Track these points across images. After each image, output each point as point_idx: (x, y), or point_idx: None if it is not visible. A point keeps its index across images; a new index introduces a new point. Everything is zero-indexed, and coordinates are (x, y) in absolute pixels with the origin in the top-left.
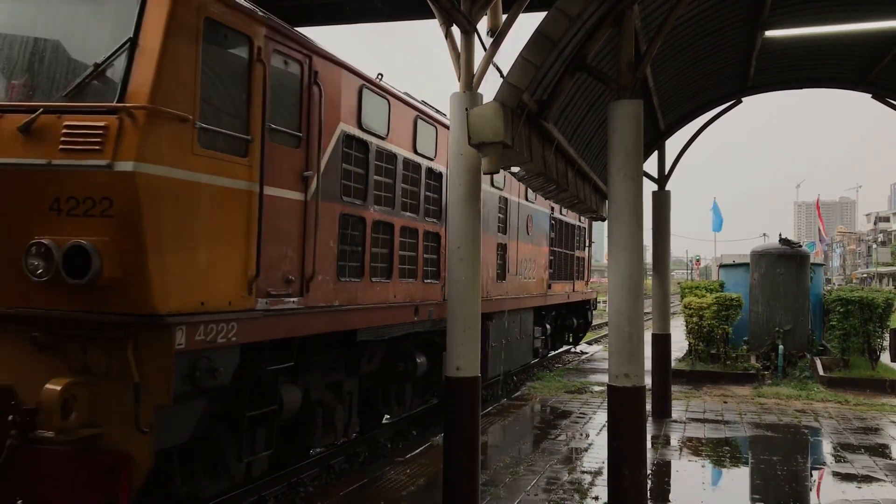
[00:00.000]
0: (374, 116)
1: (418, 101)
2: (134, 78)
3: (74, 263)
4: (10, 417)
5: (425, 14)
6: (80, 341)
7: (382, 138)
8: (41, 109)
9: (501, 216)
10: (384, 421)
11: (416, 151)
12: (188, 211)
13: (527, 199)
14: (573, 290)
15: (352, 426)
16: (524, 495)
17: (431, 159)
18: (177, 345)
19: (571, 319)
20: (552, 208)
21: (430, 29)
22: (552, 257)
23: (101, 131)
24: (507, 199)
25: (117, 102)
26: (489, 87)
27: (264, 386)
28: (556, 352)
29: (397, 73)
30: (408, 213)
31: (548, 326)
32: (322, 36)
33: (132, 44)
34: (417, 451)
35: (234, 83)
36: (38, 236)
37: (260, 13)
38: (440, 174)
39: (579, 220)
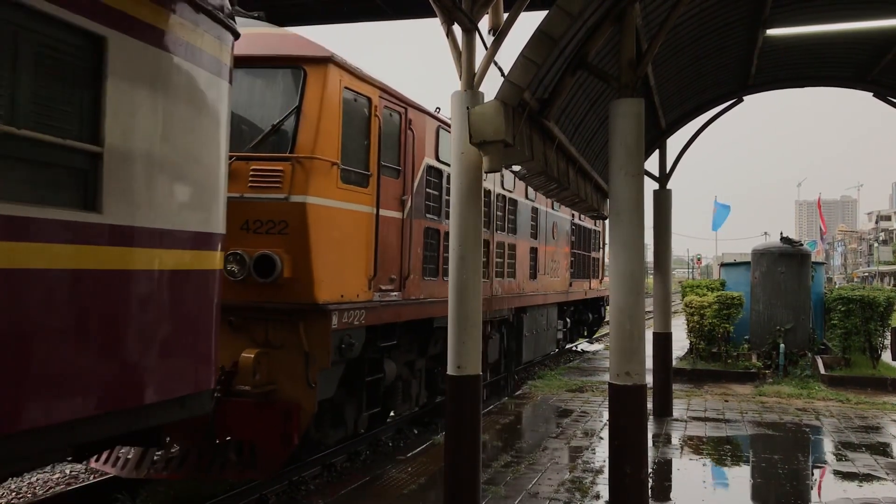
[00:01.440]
0: (446, 149)
1: None
2: (300, 135)
3: (262, 267)
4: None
5: (426, 13)
6: (263, 323)
7: (449, 165)
8: (233, 158)
9: (533, 224)
10: (439, 400)
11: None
12: (334, 229)
13: (552, 208)
14: (590, 288)
15: (421, 397)
16: (525, 494)
17: (483, 179)
18: (332, 325)
19: (587, 314)
20: (573, 215)
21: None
22: (573, 258)
23: (279, 173)
24: (537, 208)
25: (289, 153)
26: (490, 86)
27: (374, 360)
28: (573, 344)
29: (398, 73)
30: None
31: (567, 320)
32: (323, 35)
33: (298, 110)
34: (419, 449)
35: (360, 133)
36: (234, 248)
37: (376, 80)
38: (488, 191)
39: (594, 225)
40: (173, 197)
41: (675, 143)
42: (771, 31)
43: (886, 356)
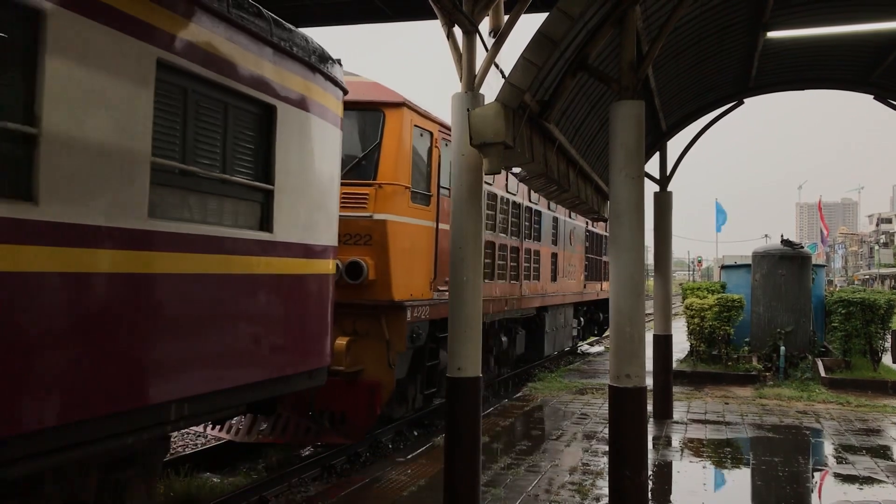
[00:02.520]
0: None
1: None
2: (381, 165)
3: (352, 272)
4: None
5: (427, 15)
6: (352, 317)
7: (490, 184)
8: None
9: (554, 232)
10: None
11: (507, 191)
12: (406, 240)
13: (569, 217)
14: (601, 289)
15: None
16: (525, 496)
17: (514, 195)
18: (407, 318)
19: (599, 314)
20: (587, 222)
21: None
22: (587, 262)
23: (365, 196)
24: (557, 218)
25: (373, 179)
26: (491, 88)
27: (432, 349)
28: (586, 341)
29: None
30: (500, 234)
31: (581, 319)
32: (323, 35)
33: (378, 145)
34: (418, 451)
35: (424, 161)
36: None
37: (437, 118)
38: (518, 204)
39: (605, 231)
40: (312, 219)
41: (675, 145)
42: (771, 34)
43: (887, 359)
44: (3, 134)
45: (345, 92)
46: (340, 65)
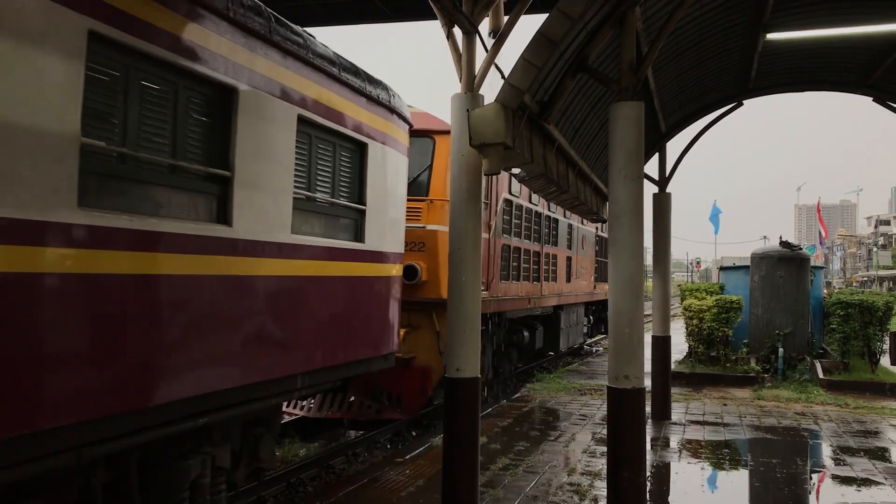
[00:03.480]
0: (515, 188)
1: None
2: (432, 184)
3: (408, 273)
4: None
5: (427, 15)
6: (406, 311)
7: (517, 196)
8: None
9: (568, 237)
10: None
11: (530, 202)
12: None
13: (582, 224)
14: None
15: (490, 369)
16: (524, 497)
17: (536, 205)
18: None
19: (606, 313)
20: (596, 227)
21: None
22: (596, 265)
23: (419, 210)
24: (571, 224)
25: (425, 196)
26: (490, 89)
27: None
28: (594, 338)
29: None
30: (525, 240)
31: (590, 318)
32: (324, 35)
33: (430, 167)
34: (417, 451)
35: None
36: None
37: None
38: (539, 213)
39: None
40: (390, 231)
41: (675, 146)
42: (771, 36)
43: (885, 361)
44: (209, 175)
45: (411, 126)
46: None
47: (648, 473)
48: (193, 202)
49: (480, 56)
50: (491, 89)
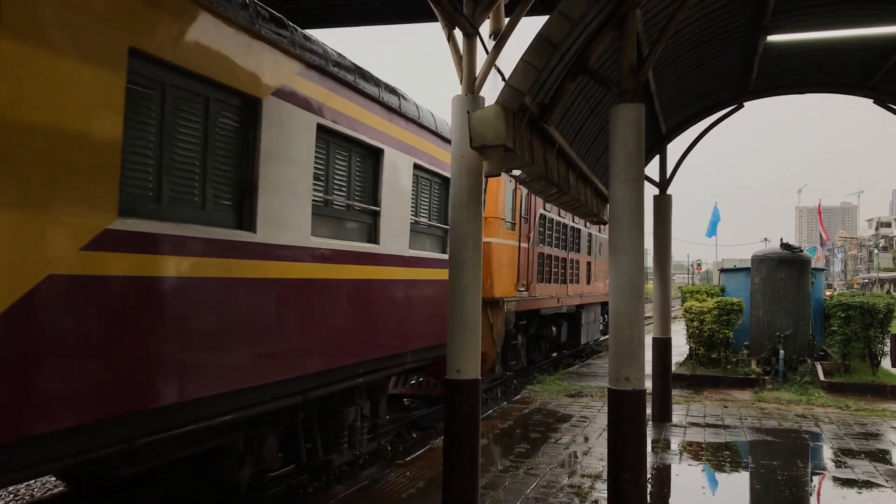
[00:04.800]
0: (548, 204)
1: None
2: (487, 205)
3: None
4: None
5: (428, 17)
6: None
7: (549, 212)
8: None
9: (588, 244)
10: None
11: (559, 215)
12: (502, 255)
13: (599, 231)
14: None
15: (525, 360)
16: (524, 498)
17: (563, 217)
18: (504, 310)
19: None
20: None
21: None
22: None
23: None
24: (591, 233)
25: (485, 216)
26: (491, 91)
27: (513, 332)
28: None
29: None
30: (555, 248)
31: (605, 317)
32: (324, 36)
33: (484, 189)
34: (418, 453)
35: (512, 201)
36: None
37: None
38: (565, 224)
39: None
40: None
41: (675, 147)
42: (772, 38)
43: (886, 363)
44: (368, 210)
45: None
46: None
47: (649, 475)
48: (360, 230)
49: (481, 58)
50: (491, 91)
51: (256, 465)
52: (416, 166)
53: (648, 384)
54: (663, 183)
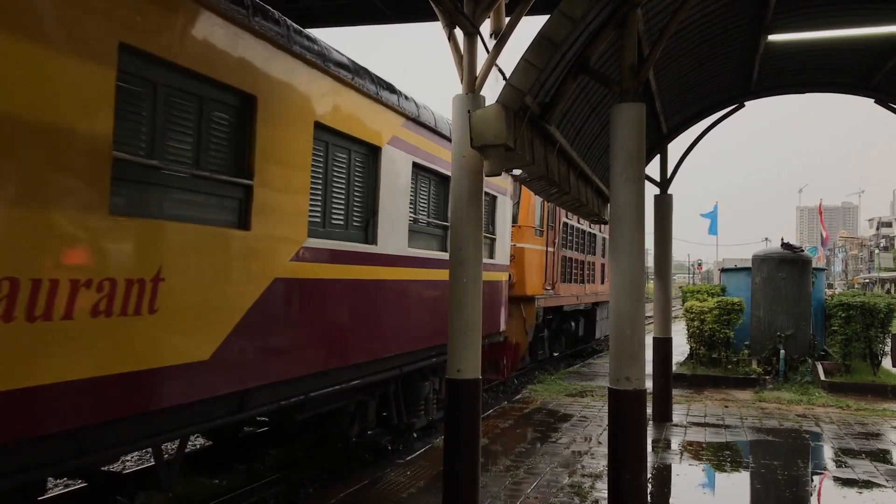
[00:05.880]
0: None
1: None
2: (520, 215)
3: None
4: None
5: (428, 16)
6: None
7: (571, 219)
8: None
9: (603, 247)
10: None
11: (578, 222)
12: (533, 258)
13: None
14: None
15: (549, 351)
16: (524, 498)
17: (582, 224)
18: (535, 306)
19: None
20: None
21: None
22: None
23: (514, 233)
24: (604, 238)
25: (514, 223)
26: (492, 90)
27: (541, 326)
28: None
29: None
30: (575, 252)
31: None
32: (325, 36)
33: (517, 203)
34: (418, 453)
35: (541, 212)
36: None
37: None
38: (583, 230)
39: None
40: (503, 250)
41: (676, 147)
42: (773, 37)
43: (887, 363)
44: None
45: (515, 178)
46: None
47: (649, 475)
48: (434, 241)
49: (482, 58)
50: (492, 91)
51: (360, 425)
52: (487, 195)
53: (649, 384)
54: (664, 183)
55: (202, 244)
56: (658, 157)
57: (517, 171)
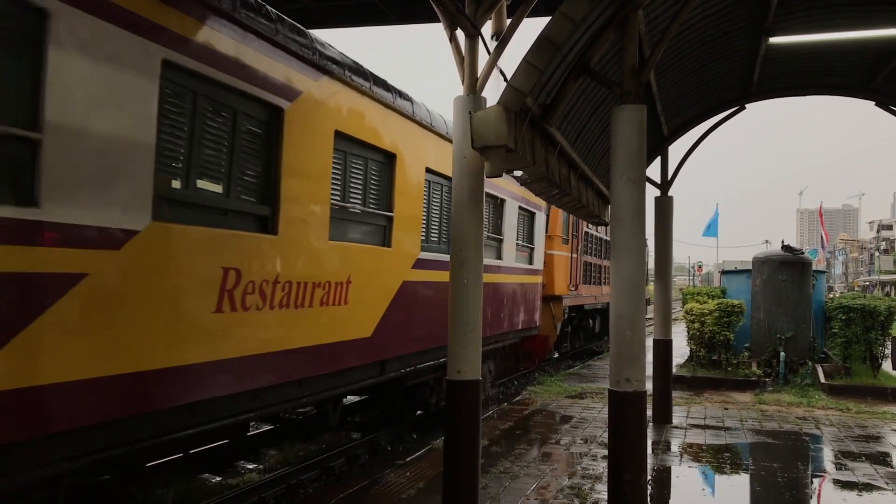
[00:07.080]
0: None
1: None
2: (550, 226)
3: None
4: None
5: (430, 18)
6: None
7: (591, 229)
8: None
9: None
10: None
11: (596, 230)
12: (560, 263)
13: None
14: None
15: (571, 344)
16: (524, 499)
17: (599, 232)
18: (563, 304)
19: None
20: None
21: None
22: None
23: (545, 242)
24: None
25: (546, 233)
26: (493, 91)
27: (566, 322)
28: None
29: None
30: (593, 257)
31: None
32: (325, 36)
33: (548, 217)
34: (417, 454)
35: (567, 223)
36: None
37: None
38: (600, 238)
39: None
40: (538, 257)
41: (677, 148)
42: (774, 40)
43: (887, 365)
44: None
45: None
46: None
47: (649, 477)
48: (494, 251)
49: (483, 59)
50: (493, 92)
51: (438, 395)
52: (520, 208)
53: (649, 385)
54: (665, 184)
55: (368, 258)
56: (659, 158)
57: (518, 173)
